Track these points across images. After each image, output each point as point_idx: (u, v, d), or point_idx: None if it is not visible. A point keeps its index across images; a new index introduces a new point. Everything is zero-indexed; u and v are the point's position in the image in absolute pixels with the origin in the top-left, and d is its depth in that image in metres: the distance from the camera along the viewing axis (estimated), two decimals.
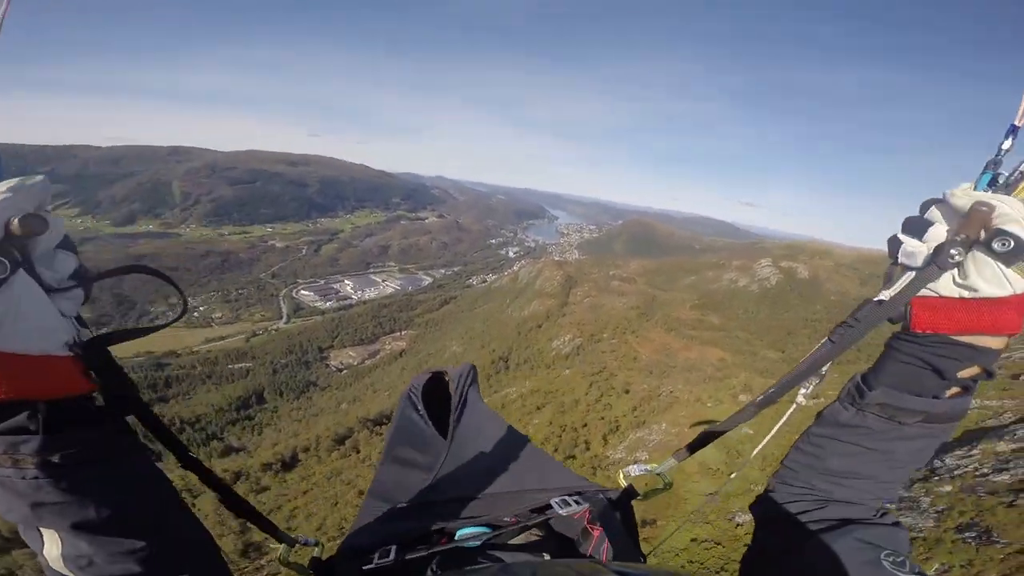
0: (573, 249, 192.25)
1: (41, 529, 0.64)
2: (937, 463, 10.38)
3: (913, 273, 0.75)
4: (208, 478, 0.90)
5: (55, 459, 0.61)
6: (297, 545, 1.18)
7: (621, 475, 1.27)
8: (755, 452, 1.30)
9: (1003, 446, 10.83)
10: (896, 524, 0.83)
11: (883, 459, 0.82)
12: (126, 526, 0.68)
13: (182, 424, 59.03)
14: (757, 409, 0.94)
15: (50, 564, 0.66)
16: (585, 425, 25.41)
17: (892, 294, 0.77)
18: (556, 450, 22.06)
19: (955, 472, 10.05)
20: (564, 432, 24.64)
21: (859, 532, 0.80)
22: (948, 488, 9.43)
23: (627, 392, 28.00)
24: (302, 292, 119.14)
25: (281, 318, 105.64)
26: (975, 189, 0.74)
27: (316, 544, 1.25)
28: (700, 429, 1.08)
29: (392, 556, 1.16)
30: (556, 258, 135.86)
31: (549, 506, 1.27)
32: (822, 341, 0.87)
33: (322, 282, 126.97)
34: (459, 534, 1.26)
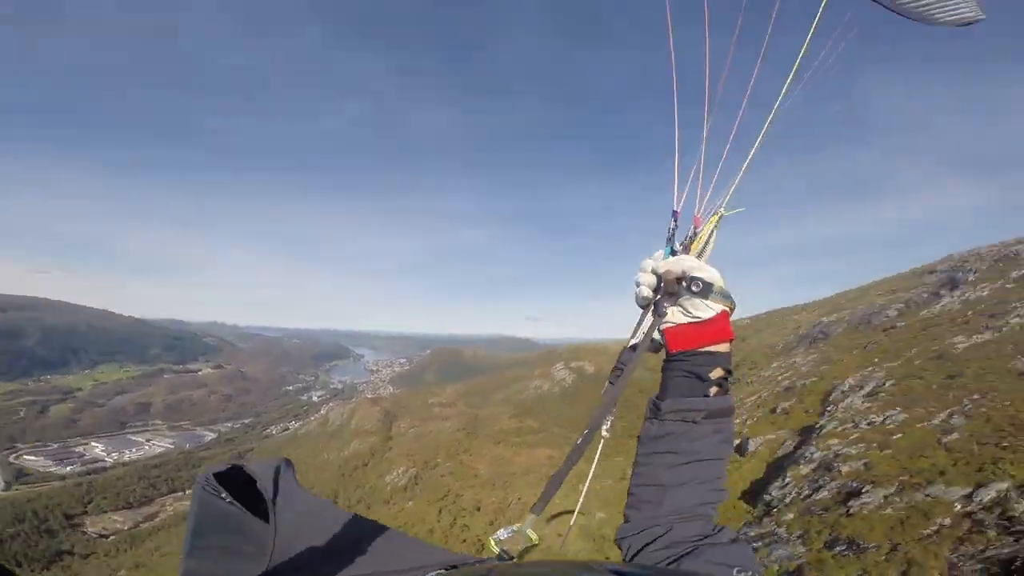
0: (386, 384, 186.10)
1: None
2: (767, 496, 12.55)
3: (649, 319, 1.11)
4: None
5: None
6: None
7: (492, 542, 1.23)
8: (585, 487, 1.45)
9: (805, 469, 13.04)
10: (736, 540, 0.99)
11: (695, 459, 1.04)
12: None
13: None
14: (581, 449, 1.14)
15: None
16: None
17: (638, 339, 1.13)
18: None
19: (786, 501, 11.68)
20: None
21: (708, 554, 0.93)
22: (791, 515, 10.77)
23: (479, 509, 27.81)
24: (26, 457, 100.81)
25: None
26: (664, 257, 1.13)
27: None
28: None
29: None
30: (369, 395, 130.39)
31: None
32: (606, 385, 1.18)
33: (56, 446, 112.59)
34: None
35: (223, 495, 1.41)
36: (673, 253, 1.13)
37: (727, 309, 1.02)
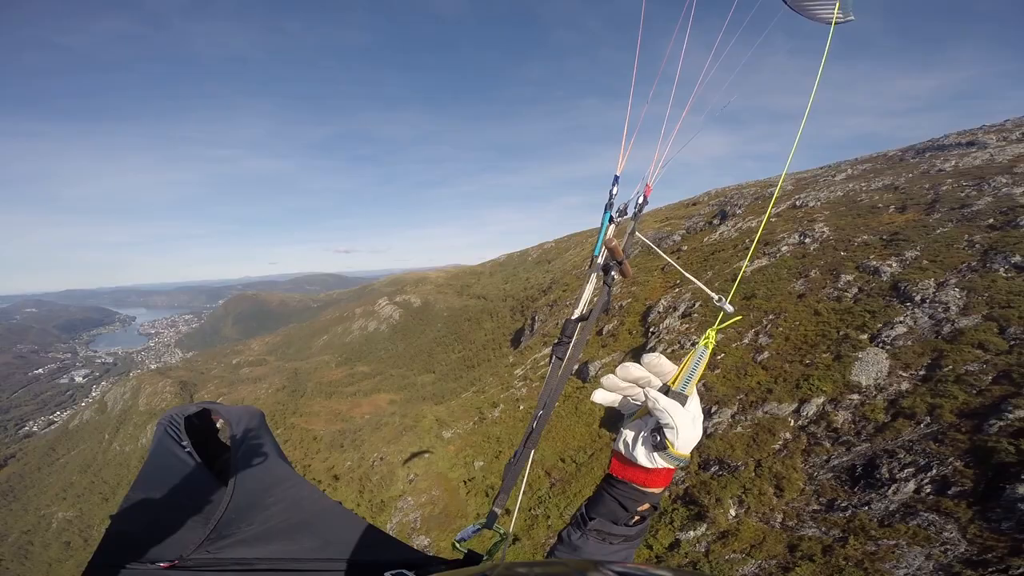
0: (173, 349, 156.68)
1: None
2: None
3: (591, 288, 1.19)
4: None
5: None
6: None
7: (456, 545, 1.18)
8: (523, 478, 1.33)
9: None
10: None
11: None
12: None
13: None
14: (537, 432, 1.17)
15: None
16: None
17: (586, 309, 1.21)
18: None
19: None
20: None
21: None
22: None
23: (337, 479, 25.91)
24: None
25: None
26: (601, 227, 1.15)
27: None
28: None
29: None
30: (154, 367, 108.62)
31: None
32: (552, 360, 1.20)
33: None
34: None
35: (183, 443, 1.43)
36: (611, 221, 1.14)
37: (672, 468, 1.03)
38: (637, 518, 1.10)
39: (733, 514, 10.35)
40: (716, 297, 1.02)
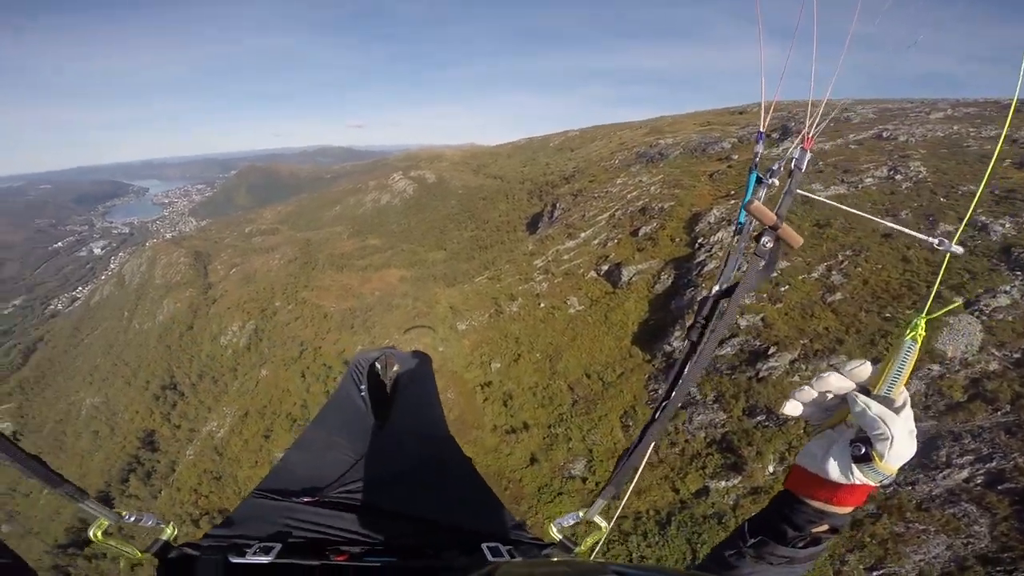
0: (187, 218, 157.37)
1: None
2: (667, 347, 11.98)
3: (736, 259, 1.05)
4: None
5: None
6: (126, 520, 0.96)
7: (553, 529, 1.16)
8: (638, 472, 1.21)
9: None
10: None
11: None
12: None
13: None
14: (661, 425, 1.05)
15: None
16: None
17: (730, 281, 1.03)
18: None
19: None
20: None
21: None
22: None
23: (347, 364, 25.20)
24: None
25: None
26: (747, 191, 0.98)
27: (161, 524, 1.03)
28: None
29: (271, 556, 1.02)
30: (168, 236, 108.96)
31: (478, 548, 1.15)
32: (685, 345, 1.04)
33: None
34: (369, 558, 1.11)
35: (361, 387, 1.64)
36: (759, 182, 1.02)
37: (872, 487, 0.90)
38: (809, 540, 0.97)
39: (771, 470, 9.68)
40: (935, 240, 0.88)
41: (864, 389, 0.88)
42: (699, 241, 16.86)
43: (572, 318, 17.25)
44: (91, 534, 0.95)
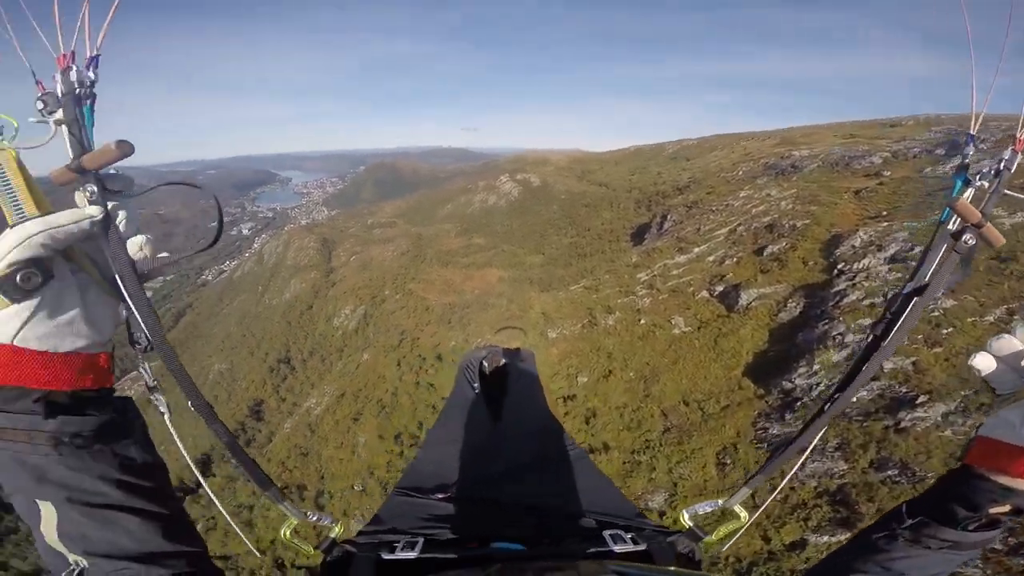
0: (320, 207, 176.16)
1: (39, 502, 0.67)
2: (786, 383, 10.75)
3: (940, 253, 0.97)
4: (216, 425, 0.95)
5: (67, 439, 0.66)
6: (310, 519, 1.08)
7: (684, 516, 1.14)
8: (793, 468, 1.12)
9: (836, 355, 11.16)
10: None
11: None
12: (122, 506, 0.70)
13: None
14: (829, 418, 1.01)
15: (44, 538, 0.69)
16: (421, 426, 21.05)
17: (924, 281, 0.97)
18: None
19: (813, 395, 10.46)
20: (404, 447, 19.71)
21: None
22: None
23: (440, 358, 25.15)
24: None
25: None
26: (954, 189, 0.97)
27: (334, 523, 1.15)
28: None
29: (416, 551, 1.10)
30: (303, 222, 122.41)
31: (599, 536, 1.16)
32: (867, 338, 1.02)
33: None
34: (495, 546, 1.17)
35: (474, 384, 1.76)
36: (966, 183, 1.00)
37: None
38: (984, 521, 0.86)
39: None
40: None
41: None
42: (839, 267, 14.49)
43: (675, 339, 15.89)
44: (282, 533, 1.07)
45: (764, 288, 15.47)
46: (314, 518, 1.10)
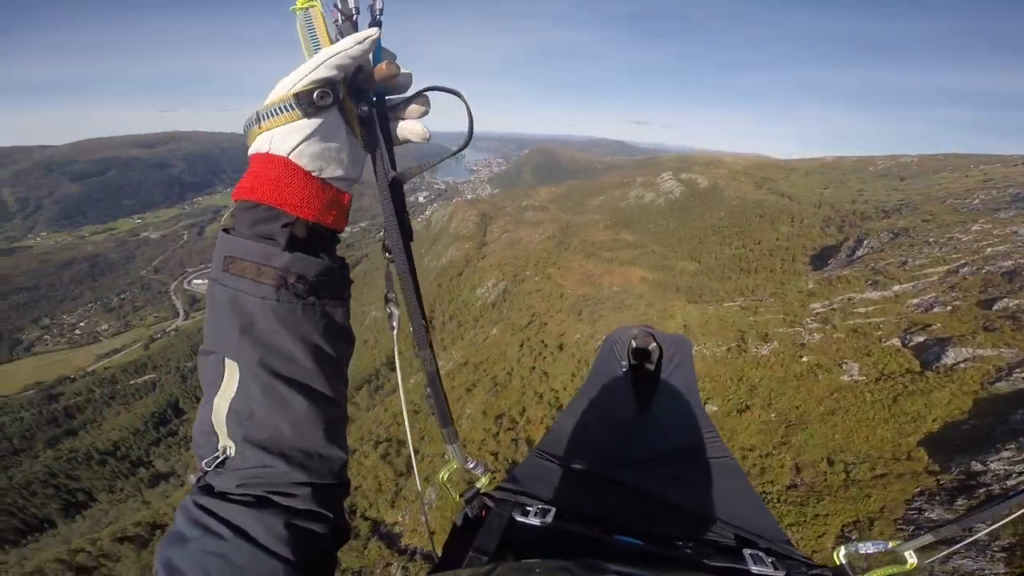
0: (485, 184, 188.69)
1: (228, 364, 0.67)
2: (975, 465, 8.45)
3: None
4: (425, 352, 1.00)
5: (292, 281, 0.67)
6: (467, 467, 1.13)
7: (840, 552, 1.03)
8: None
9: None
10: None
11: None
12: (303, 384, 0.70)
13: (102, 456, 52.55)
14: None
15: (212, 413, 0.70)
16: (523, 412, 20.80)
17: None
18: (496, 456, 17.91)
19: (1008, 482, 8.16)
20: (501, 429, 19.93)
21: None
22: (1006, 511, 8.24)
23: (561, 348, 25.00)
24: (195, 282, 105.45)
25: (178, 316, 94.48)
26: None
27: (485, 473, 1.18)
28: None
29: (548, 519, 1.11)
30: (469, 196, 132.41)
31: (739, 552, 1.09)
32: None
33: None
34: (618, 538, 1.14)
35: (623, 363, 1.70)
36: None
37: None
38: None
39: None
40: None
41: None
42: None
43: (841, 387, 13.31)
44: (441, 476, 1.12)
45: (983, 350, 11.92)
46: (471, 466, 1.14)
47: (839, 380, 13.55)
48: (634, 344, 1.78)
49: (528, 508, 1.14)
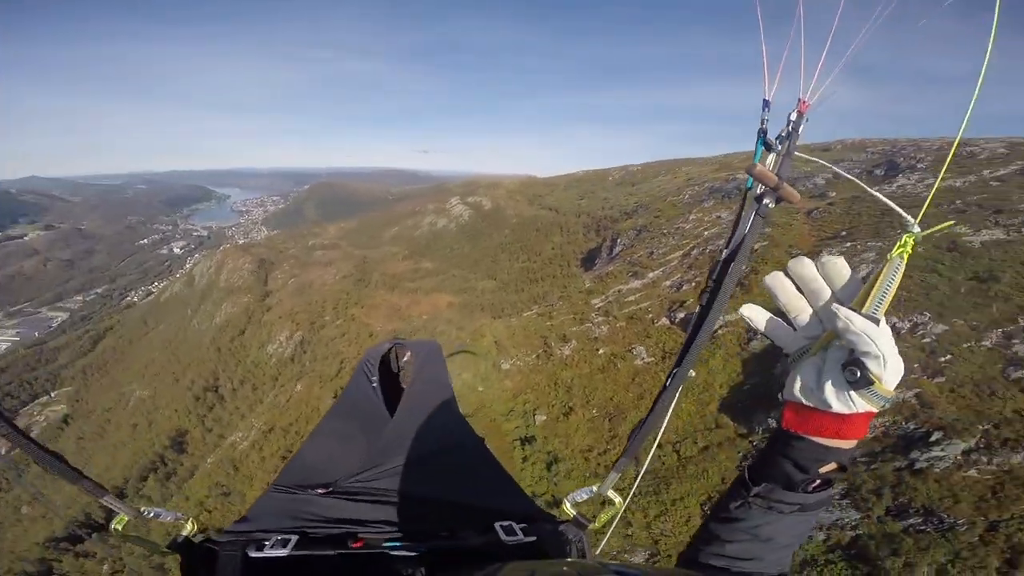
0: (259, 226, 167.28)
1: None
2: (774, 423, 9.82)
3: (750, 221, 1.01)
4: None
5: None
6: (146, 517, 1.01)
7: (567, 504, 1.16)
8: (655, 443, 1.19)
9: None
10: None
11: (767, 545, 0.93)
12: None
13: None
14: (671, 396, 1.04)
15: None
16: None
17: (737, 244, 1.03)
18: None
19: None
20: None
21: None
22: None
23: None
24: None
25: None
26: (755, 155, 1.00)
27: (181, 519, 1.06)
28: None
29: (288, 548, 1.04)
30: (240, 241, 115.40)
31: (491, 528, 1.14)
32: (697, 309, 1.05)
33: None
34: (386, 546, 1.13)
35: (372, 379, 1.68)
36: (767, 147, 1.02)
37: (873, 412, 0.82)
38: (819, 483, 0.89)
39: None
40: (908, 218, 0.76)
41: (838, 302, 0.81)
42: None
43: (639, 371, 14.98)
44: (112, 528, 0.99)
45: (730, 316, 14.92)
46: (150, 514, 1.01)
47: (634, 364, 15.18)
48: (390, 360, 1.80)
49: (264, 542, 1.03)
